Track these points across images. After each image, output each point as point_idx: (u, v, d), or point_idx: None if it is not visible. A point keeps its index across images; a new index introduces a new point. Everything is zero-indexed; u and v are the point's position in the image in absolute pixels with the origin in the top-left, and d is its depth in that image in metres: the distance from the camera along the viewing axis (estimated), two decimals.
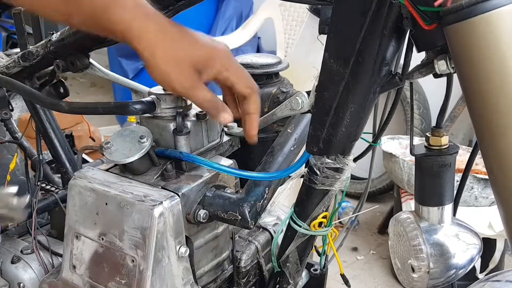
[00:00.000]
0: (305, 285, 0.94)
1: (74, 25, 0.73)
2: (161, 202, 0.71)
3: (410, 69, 0.65)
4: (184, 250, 0.75)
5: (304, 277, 0.93)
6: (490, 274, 0.62)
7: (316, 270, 0.94)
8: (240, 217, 0.76)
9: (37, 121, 1.14)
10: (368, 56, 0.62)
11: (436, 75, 0.60)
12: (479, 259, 1.48)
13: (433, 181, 0.69)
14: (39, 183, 1.11)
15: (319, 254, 0.88)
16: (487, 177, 1.15)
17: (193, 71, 0.68)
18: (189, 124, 0.80)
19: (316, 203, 0.77)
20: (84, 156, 1.43)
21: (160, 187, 0.76)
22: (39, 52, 0.99)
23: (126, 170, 0.80)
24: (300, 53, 2.02)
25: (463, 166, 0.74)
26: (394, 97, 0.73)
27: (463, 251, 0.69)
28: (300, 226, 0.78)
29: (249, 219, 0.76)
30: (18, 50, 1.07)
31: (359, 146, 0.75)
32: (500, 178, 0.52)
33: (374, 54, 0.62)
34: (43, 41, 0.98)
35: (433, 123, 0.69)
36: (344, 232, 0.96)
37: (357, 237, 2.43)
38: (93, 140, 1.70)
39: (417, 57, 0.63)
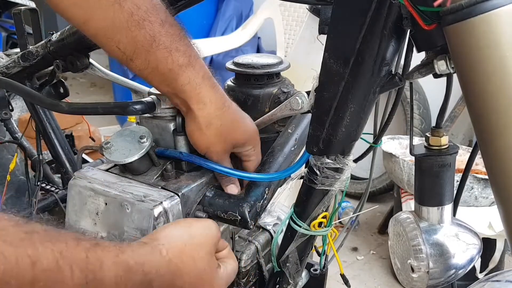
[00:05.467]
0: (305, 285, 0.94)
1: (130, 67, 0.71)
2: (161, 202, 0.71)
3: (410, 69, 0.65)
4: None
5: (304, 277, 0.93)
6: (490, 274, 0.62)
7: (316, 270, 0.94)
8: (240, 218, 0.76)
9: (37, 121, 1.14)
10: (368, 56, 0.62)
11: (436, 75, 0.60)
12: (479, 259, 1.47)
13: (433, 181, 0.69)
14: (39, 183, 1.11)
15: (319, 254, 0.88)
16: (487, 177, 1.15)
17: (231, 147, 0.77)
18: None
19: (316, 203, 0.77)
20: (84, 156, 1.44)
21: (160, 187, 0.76)
22: (39, 52, 0.99)
23: (126, 170, 0.80)
24: (300, 53, 2.03)
25: (463, 166, 0.74)
26: (394, 98, 0.73)
27: (463, 251, 0.69)
28: (300, 226, 0.78)
29: (249, 220, 0.76)
30: (18, 50, 1.07)
31: (360, 146, 0.75)
32: (500, 178, 0.52)
33: (374, 54, 0.62)
34: (43, 41, 0.98)
35: (433, 123, 0.69)
36: (344, 232, 0.96)
37: (357, 237, 2.43)
38: (93, 140, 1.70)
39: (417, 57, 0.63)
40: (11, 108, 1.22)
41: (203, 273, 0.65)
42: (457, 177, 0.70)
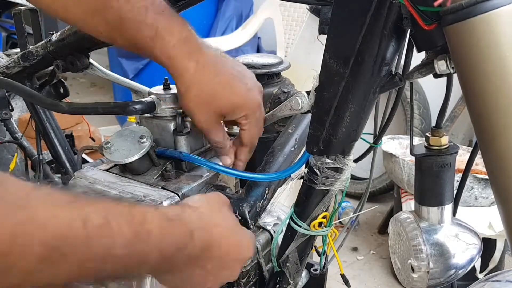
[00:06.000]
0: (305, 285, 0.94)
1: (118, 46, 0.73)
2: (161, 202, 0.71)
3: (410, 69, 0.65)
4: None
5: (304, 277, 0.93)
6: (490, 274, 0.62)
7: (316, 270, 0.94)
8: (240, 217, 0.76)
9: (37, 121, 1.14)
10: (368, 56, 0.62)
11: (436, 75, 0.60)
12: (479, 259, 1.47)
13: (433, 181, 0.69)
14: (39, 183, 1.11)
15: (319, 254, 0.88)
16: (487, 177, 1.15)
17: (217, 115, 0.74)
18: (189, 124, 0.80)
19: (316, 203, 0.77)
20: (84, 156, 1.43)
21: (160, 187, 0.76)
22: (39, 52, 0.99)
23: (126, 170, 0.80)
24: (300, 53, 2.03)
25: (463, 166, 0.74)
26: (394, 98, 0.73)
27: (463, 251, 0.69)
28: (300, 226, 0.78)
29: (248, 219, 0.76)
30: (18, 50, 1.07)
31: (360, 146, 0.75)
32: (500, 178, 0.52)
33: (374, 54, 0.62)
34: (43, 41, 0.98)
35: (433, 123, 0.69)
36: (344, 232, 0.96)
37: (357, 237, 2.43)
38: (93, 140, 1.70)
39: (417, 57, 0.63)
40: (11, 108, 1.22)
41: (233, 226, 0.68)
42: (457, 177, 0.70)
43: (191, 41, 0.72)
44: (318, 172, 0.72)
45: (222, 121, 0.77)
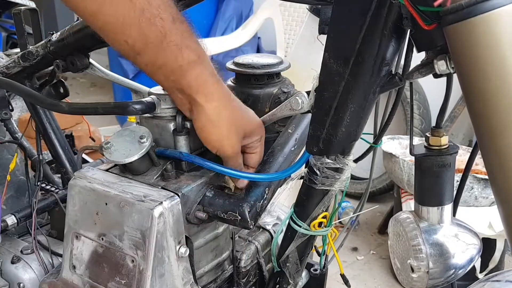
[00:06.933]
0: (305, 285, 0.94)
1: (136, 62, 0.71)
2: (161, 202, 0.71)
3: (410, 69, 0.65)
4: (184, 250, 0.75)
5: (304, 277, 0.93)
6: (490, 274, 0.62)
7: (316, 270, 0.94)
8: (239, 218, 0.76)
9: (37, 121, 1.14)
10: (368, 56, 0.62)
11: (436, 75, 0.60)
12: (479, 259, 1.47)
13: (432, 181, 0.69)
14: (39, 183, 1.11)
15: (319, 254, 0.88)
16: (487, 177, 1.15)
17: (241, 139, 0.77)
18: (189, 124, 0.80)
19: (316, 203, 0.77)
20: (84, 156, 1.43)
21: (160, 187, 0.76)
22: (39, 52, 0.99)
23: (126, 170, 0.80)
24: (300, 53, 2.02)
25: (463, 166, 0.74)
26: (394, 98, 0.73)
27: (463, 251, 0.69)
28: (300, 226, 0.78)
29: (248, 220, 0.76)
30: (18, 50, 1.07)
31: (360, 146, 0.75)
32: (500, 178, 0.52)
33: (374, 54, 0.62)
34: (43, 41, 0.98)
35: (433, 123, 0.69)
36: (344, 232, 0.96)
37: (357, 237, 2.43)
38: (93, 140, 1.70)
39: (417, 57, 0.63)
40: (11, 108, 1.22)
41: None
42: (457, 177, 0.70)
43: (216, 73, 0.75)
44: (318, 172, 0.72)
45: None
